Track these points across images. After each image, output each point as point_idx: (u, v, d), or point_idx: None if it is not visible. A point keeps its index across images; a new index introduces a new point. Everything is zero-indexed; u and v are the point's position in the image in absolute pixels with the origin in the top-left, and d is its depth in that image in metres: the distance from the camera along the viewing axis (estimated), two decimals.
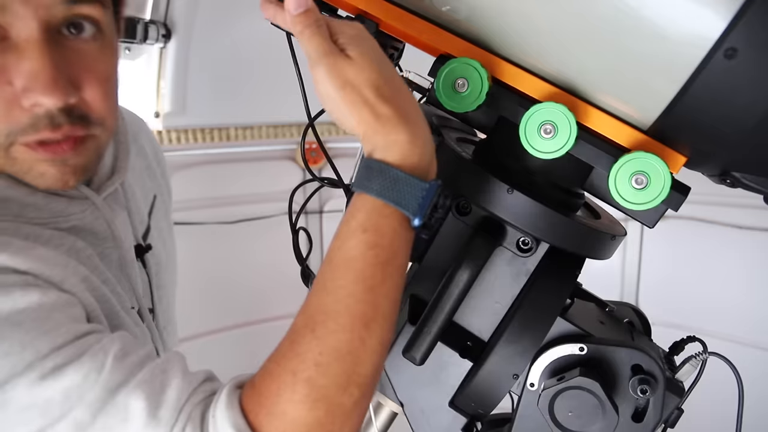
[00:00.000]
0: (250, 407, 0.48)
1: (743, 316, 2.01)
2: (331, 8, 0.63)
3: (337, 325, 0.48)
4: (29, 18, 0.50)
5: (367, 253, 0.48)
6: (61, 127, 0.54)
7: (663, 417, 0.55)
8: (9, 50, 0.51)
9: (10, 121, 0.53)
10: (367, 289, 0.48)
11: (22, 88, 0.52)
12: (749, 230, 1.95)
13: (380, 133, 0.48)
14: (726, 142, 0.49)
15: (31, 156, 0.55)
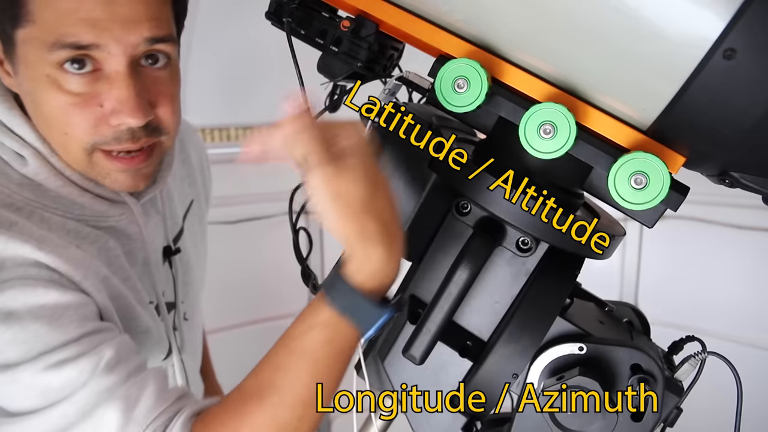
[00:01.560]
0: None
1: (742, 315, 2.01)
2: (331, 8, 0.63)
3: (281, 401, 0.58)
4: (120, 55, 0.62)
5: (323, 347, 0.57)
6: (140, 139, 0.66)
7: (662, 416, 0.56)
8: (101, 80, 0.63)
9: (96, 134, 0.65)
10: (314, 376, 0.57)
11: (111, 110, 0.64)
12: (748, 230, 1.95)
13: (361, 246, 0.53)
14: (725, 143, 0.49)
15: (108, 164, 0.67)
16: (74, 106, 0.63)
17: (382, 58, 0.64)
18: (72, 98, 0.63)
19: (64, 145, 0.66)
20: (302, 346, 0.58)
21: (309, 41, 0.62)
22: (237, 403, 0.59)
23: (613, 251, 0.59)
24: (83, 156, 0.66)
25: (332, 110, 0.71)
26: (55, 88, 0.63)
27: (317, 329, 0.57)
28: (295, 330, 0.59)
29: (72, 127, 0.64)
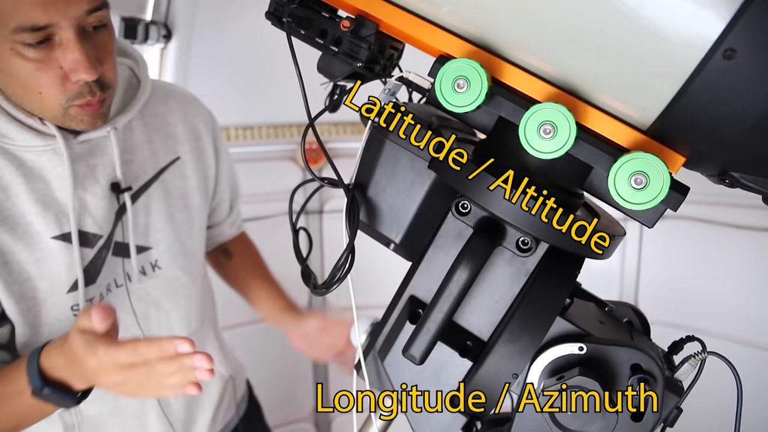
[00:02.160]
0: None
1: (742, 315, 2.01)
2: (331, 8, 0.63)
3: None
4: (68, 27, 0.78)
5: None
6: (96, 94, 0.84)
7: (662, 416, 0.56)
8: (55, 47, 0.79)
9: (66, 91, 0.82)
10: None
11: (69, 70, 0.80)
12: (748, 230, 1.95)
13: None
14: (725, 143, 0.49)
15: (80, 112, 0.85)
16: (39, 70, 0.79)
17: (382, 58, 0.64)
18: (35, 64, 0.79)
19: (42, 102, 0.83)
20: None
21: (309, 41, 0.62)
22: None
23: (613, 251, 0.59)
24: (60, 110, 0.83)
25: (332, 110, 0.71)
26: (21, 58, 0.78)
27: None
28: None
29: (43, 86, 0.81)
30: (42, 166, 0.88)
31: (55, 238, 0.89)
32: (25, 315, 0.88)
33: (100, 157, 0.94)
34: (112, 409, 1.01)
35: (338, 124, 2.23)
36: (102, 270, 0.96)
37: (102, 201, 0.94)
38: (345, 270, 0.65)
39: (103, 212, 0.94)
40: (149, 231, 1.02)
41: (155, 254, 1.03)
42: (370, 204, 0.66)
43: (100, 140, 0.94)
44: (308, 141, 2.46)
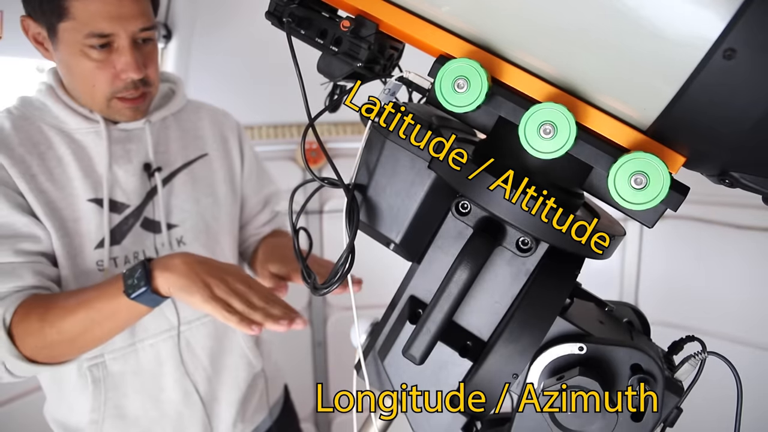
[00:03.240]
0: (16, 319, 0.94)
1: (742, 315, 2.01)
2: (331, 8, 0.63)
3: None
4: (125, 38, 1.04)
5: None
6: (139, 89, 1.10)
7: (662, 416, 0.56)
8: (113, 52, 1.05)
9: (113, 86, 1.07)
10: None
11: (121, 69, 1.05)
12: (748, 230, 1.95)
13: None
14: (725, 143, 0.49)
15: (121, 105, 1.10)
16: (97, 68, 1.04)
17: (382, 58, 0.64)
18: (96, 63, 1.04)
19: (92, 95, 1.08)
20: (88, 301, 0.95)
21: (309, 41, 0.62)
22: (47, 307, 0.94)
23: (613, 251, 0.59)
24: (104, 101, 1.08)
25: (332, 110, 0.71)
26: (86, 58, 1.03)
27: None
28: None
29: (97, 81, 1.06)
30: (87, 144, 1.10)
31: (90, 201, 1.08)
32: (67, 262, 1.04)
33: (135, 144, 1.15)
34: (133, 368, 1.13)
35: (338, 124, 2.23)
36: (128, 235, 1.11)
37: (133, 177, 1.13)
38: (345, 270, 0.65)
39: (133, 187, 1.13)
40: (176, 211, 1.18)
41: (180, 231, 1.18)
42: (370, 204, 0.66)
43: (137, 131, 1.16)
44: (308, 141, 2.47)
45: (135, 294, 0.90)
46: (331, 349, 2.47)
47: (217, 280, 0.89)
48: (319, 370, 2.48)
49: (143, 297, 0.91)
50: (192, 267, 0.90)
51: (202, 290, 0.88)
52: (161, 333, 1.15)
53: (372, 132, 0.64)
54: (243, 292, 0.89)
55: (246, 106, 2.09)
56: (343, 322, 2.43)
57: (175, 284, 0.90)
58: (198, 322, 1.19)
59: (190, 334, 1.18)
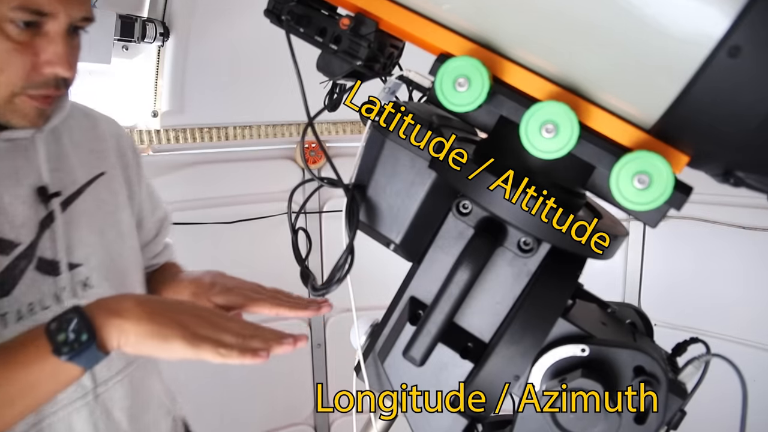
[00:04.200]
0: None
1: (746, 316, 2.00)
2: (330, 6, 0.62)
3: None
4: (64, 22, 0.81)
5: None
6: (60, 89, 0.85)
7: (666, 419, 0.55)
8: (40, 35, 0.80)
9: (27, 80, 0.81)
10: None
11: (45, 61, 0.81)
12: (752, 230, 1.95)
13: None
14: (729, 142, 0.48)
15: (28, 104, 0.83)
16: (15, 51, 0.79)
17: (382, 57, 0.64)
18: (14, 45, 0.78)
19: (5, 79, 0.80)
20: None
21: (308, 39, 0.62)
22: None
23: (614, 251, 0.59)
24: (7, 95, 0.81)
25: (332, 109, 0.71)
26: (2, 36, 0.77)
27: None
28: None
29: (9, 68, 0.79)
30: None
31: None
32: None
33: (24, 160, 0.88)
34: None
35: (338, 124, 2.22)
36: (20, 282, 0.85)
37: (23, 205, 0.86)
38: (345, 270, 0.65)
39: (23, 218, 0.86)
40: (78, 245, 0.92)
41: (85, 271, 0.93)
42: (369, 204, 0.65)
43: (25, 142, 0.89)
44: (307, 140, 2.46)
45: (74, 353, 0.68)
46: (331, 350, 2.47)
47: (192, 317, 0.73)
48: (318, 371, 2.48)
49: (84, 356, 0.69)
50: (154, 308, 0.73)
51: (181, 333, 0.71)
52: (75, 401, 0.90)
53: (372, 131, 0.64)
54: (224, 324, 0.74)
55: (244, 105, 2.09)
56: (342, 323, 2.42)
57: (140, 333, 0.71)
58: (114, 380, 0.96)
59: (107, 396, 0.95)
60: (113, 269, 0.97)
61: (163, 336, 0.71)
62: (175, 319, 0.72)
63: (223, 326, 0.73)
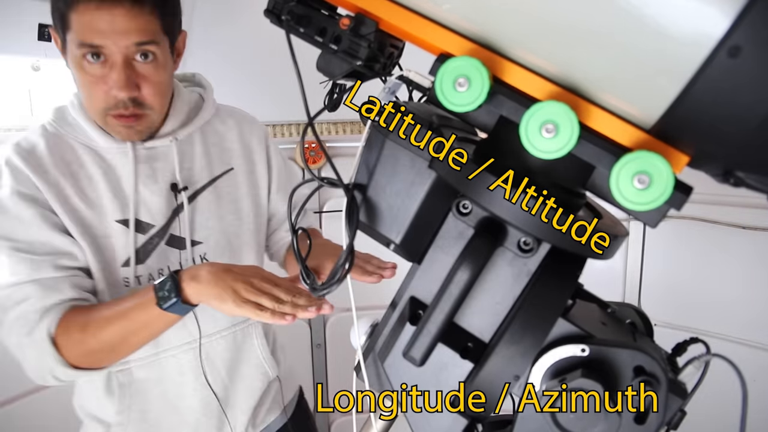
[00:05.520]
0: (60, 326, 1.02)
1: (747, 316, 2.00)
2: (330, 6, 0.62)
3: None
4: (117, 53, 1.02)
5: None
6: (128, 108, 1.07)
7: (666, 419, 0.55)
8: (107, 67, 1.04)
9: (106, 102, 1.06)
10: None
11: (111, 86, 1.04)
12: (753, 230, 1.95)
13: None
14: (729, 141, 0.48)
15: (115, 122, 1.09)
16: (91, 83, 1.05)
17: (382, 57, 0.64)
18: (91, 77, 1.04)
19: (90, 109, 1.10)
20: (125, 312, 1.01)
21: (308, 39, 0.62)
22: (87, 318, 1.02)
23: (614, 251, 0.59)
24: (101, 115, 1.08)
25: (332, 109, 0.71)
26: (83, 71, 1.04)
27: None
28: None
29: (92, 95, 1.06)
30: (116, 164, 1.14)
31: (118, 221, 1.12)
32: (101, 274, 1.10)
33: (162, 162, 1.17)
34: (157, 376, 1.20)
35: (338, 123, 2.22)
36: (152, 254, 1.15)
37: (159, 197, 1.15)
38: (345, 270, 0.65)
39: (159, 207, 1.16)
40: (200, 228, 1.21)
41: (204, 248, 1.21)
42: (369, 204, 0.65)
43: (164, 148, 1.18)
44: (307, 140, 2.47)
45: (166, 305, 0.96)
46: (331, 350, 2.47)
47: (243, 283, 0.94)
48: (318, 371, 2.48)
49: (174, 307, 0.96)
50: (218, 275, 0.96)
51: (232, 296, 0.93)
52: (183, 345, 1.20)
53: (372, 131, 0.64)
54: (268, 290, 0.94)
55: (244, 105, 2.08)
56: (342, 323, 2.42)
57: (206, 293, 0.95)
58: (218, 335, 1.25)
59: (210, 347, 1.24)
60: (228, 247, 1.24)
61: (221, 297, 0.94)
62: (231, 284, 0.94)
63: (267, 292, 0.94)
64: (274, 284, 0.97)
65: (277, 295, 0.94)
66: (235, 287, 0.94)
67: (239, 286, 0.94)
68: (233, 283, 0.94)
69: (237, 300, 0.93)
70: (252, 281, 0.95)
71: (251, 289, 0.94)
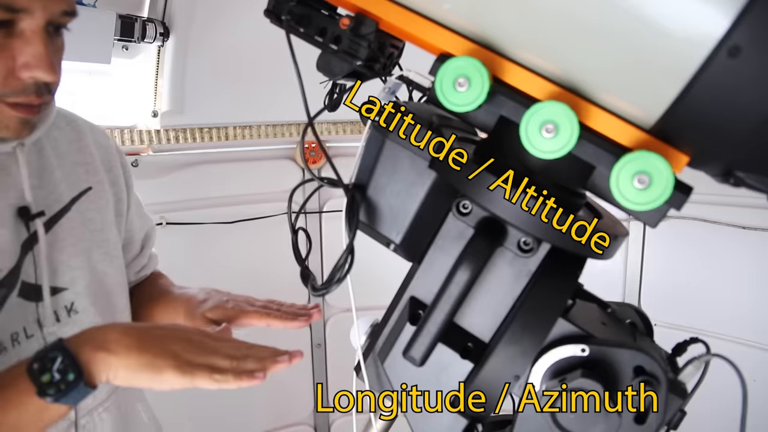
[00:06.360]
0: None
1: (746, 316, 2.00)
2: (330, 6, 0.62)
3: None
4: (41, 19, 0.71)
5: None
6: (42, 95, 0.75)
7: (666, 419, 0.55)
8: (15, 36, 0.71)
9: (5, 86, 0.71)
10: None
11: (23, 64, 0.71)
12: (752, 230, 1.95)
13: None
14: (729, 141, 0.48)
15: (10, 114, 0.74)
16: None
17: (382, 57, 0.64)
18: None
19: None
20: None
21: (308, 39, 0.62)
22: None
23: (614, 251, 0.59)
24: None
25: (331, 109, 0.71)
26: None
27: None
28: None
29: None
30: None
31: None
32: None
33: (5, 176, 0.81)
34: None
35: (338, 123, 2.22)
36: (1, 313, 0.80)
37: (3, 229, 0.80)
38: (345, 271, 0.65)
39: (5, 242, 0.80)
40: (63, 268, 0.87)
41: (70, 296, 0.88)
42: (370, 204, 0.65)
43: (4, 158, 0.82)
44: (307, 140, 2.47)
45: (60, 394, 0.64)
46: (331, 350, 2.47)
47: (182, 343, 0.70)
48: (318, 371, 2.48)
49: (73, 394, 0.65)
50: (142, 338, 0.70)
51: (173, 362, 0.68)
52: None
53: (372, 132, 0.64)
54: (215, 347, 0.72)
55: (244, 105, 2.09)
56: (342, 323, 2.42)
57: (130, 367, 0.68)
58: (100, 408, 0.94)
59: (93, 425, 0.92)
60: (100, 292, 0.92)
61: (155, 367, 0.68)
62: (164, 348, 0.69)
63: (216, 350, 0.71)
64: (215, 338, 0.74)
65: (229, 352, 0.72)
66: (174, 349, 0.69)
67: (178, 346, 0.70)
68: (167, 345, 0.70)
69: (181, 366, 0.68)
70: (189, 338, 0.72)
71: (193, 348, 0.70)
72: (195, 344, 0.71)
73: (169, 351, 0.69)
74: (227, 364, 0.70)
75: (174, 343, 0.70)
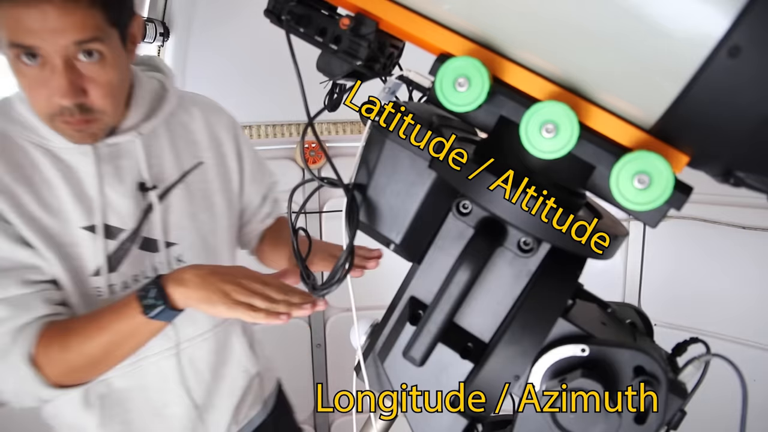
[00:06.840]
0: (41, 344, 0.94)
1: (747, 316, 2.00)
2: (330, 6, 0.62)
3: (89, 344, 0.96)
4: (55, 54, 0.87)
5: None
6: (74, 116, 0.93)
7: (666, 419, 0.55)
8: (47, 69, 0.88)
9: (50, 108, 0.92)
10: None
11: (52, 92, 0.90)
12: (752, 230, 1.95)
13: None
14: (729, 141, 0.48)
15: (65, 127, 0.95)
16: (30, 87, 0.91)
17: (382, 57, 0.64)
18: (28, 80, 0.90)
19: (35, 108, 0.95)
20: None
21: (308, 39, 0.62)
22: (66, 335, 0.95)
23: (614, 251, 0.59)
24: (48, 119, 0.95)
25: (332, 109, 0.71)
26: (19, 72, 0.90)
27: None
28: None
29: (33, 99, 0.93)
30: (75, 164, 1.01)
31: (84, 228, 1.02)
32: (72, 286, 1.02)
33: (126, 159, 1.06)
34: (139, 384, 1.14)
35: (338, 123, 2.22)
36: (124, 260, 1.07)
37: (127, 199, 1.05)
38: (344, 271, 0.65)
39: (128, 209, 1.06)
40: (174, 228, 1.13)
41: (179, 249, 1.13)
42: (369, 204, 0.65)
43: (127, 144, 1.06)
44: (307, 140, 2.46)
45: (153, 313, 0.91)
46: (331, 350, 2.47)
47: (233, 285, 0.91)
48: (318, 371, 2.48)
49: (162, 314, 0.92)
50: (206, 278, 0.91)
51: (222, 299, 0.89)
52: (163, 351, 1.15)
53: (372, 132, 0.64)
54: (260, 290, 0.91)
55: (244, 105, 2.08)
56: (342, 323, 2.42)
57: (194, 297, 0.91)
58: (200, 338, 1.20)
59: (192, 351, 1.19)
60: (204, 247, 1.18)
61: (210, 300, 0.90)
62: (220, 287, 0.90)
63: (258, 292, 0.90)
64: (264, 283, 0.93)
65: (269, 295, 0.91)
66: (225, 289, 0.90)
67: (228, 287, 0.90)
68: (222, 285, 0.90)
69: (228, 302, 0.89)
70: (241, 282, 0.92)
71: (241, 290, 0.90)
72: (243, 286, 0.91)
73: (222, 290, 0.90)
74: (264, 305, 0.89)
75: (228, 284, 0.90)
